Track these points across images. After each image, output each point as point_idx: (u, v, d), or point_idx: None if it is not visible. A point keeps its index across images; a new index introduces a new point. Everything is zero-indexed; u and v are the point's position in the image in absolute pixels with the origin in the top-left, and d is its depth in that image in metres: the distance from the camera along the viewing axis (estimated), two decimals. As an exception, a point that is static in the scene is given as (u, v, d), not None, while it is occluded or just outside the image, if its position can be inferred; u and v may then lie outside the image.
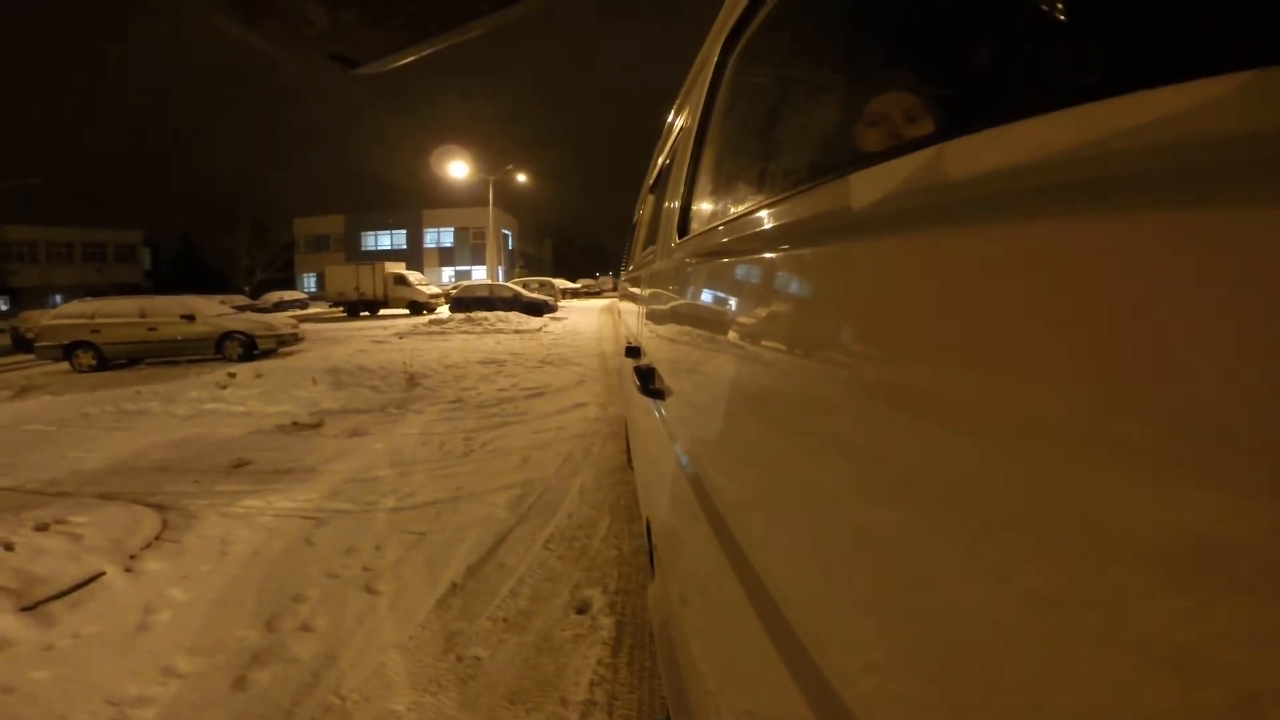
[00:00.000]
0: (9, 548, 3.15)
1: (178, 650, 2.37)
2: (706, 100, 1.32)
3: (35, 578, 2.89)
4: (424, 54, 0.47)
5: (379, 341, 13.87)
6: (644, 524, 2.00)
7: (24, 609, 2.66)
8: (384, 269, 26.95)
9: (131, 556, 3.17)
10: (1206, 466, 0.21)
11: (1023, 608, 0.30)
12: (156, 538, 3.42)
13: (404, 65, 0.49)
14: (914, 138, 0.47)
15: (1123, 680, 0.25)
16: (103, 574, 2.98)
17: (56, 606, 2.72)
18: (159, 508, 3.85)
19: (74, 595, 2.81)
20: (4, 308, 37.23)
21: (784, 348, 0.62)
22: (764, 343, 0.67)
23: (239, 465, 4.76)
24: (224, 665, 2.27)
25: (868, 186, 0.49)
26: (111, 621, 2.60)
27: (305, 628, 2.51)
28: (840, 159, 0.76)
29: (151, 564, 3.11)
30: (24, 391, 9.06)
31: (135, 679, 2.21)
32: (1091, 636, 0.25)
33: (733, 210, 0.96)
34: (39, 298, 40.26)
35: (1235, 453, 0.20)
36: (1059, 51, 0.46)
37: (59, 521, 3.54)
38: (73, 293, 32.65)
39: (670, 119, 2.18)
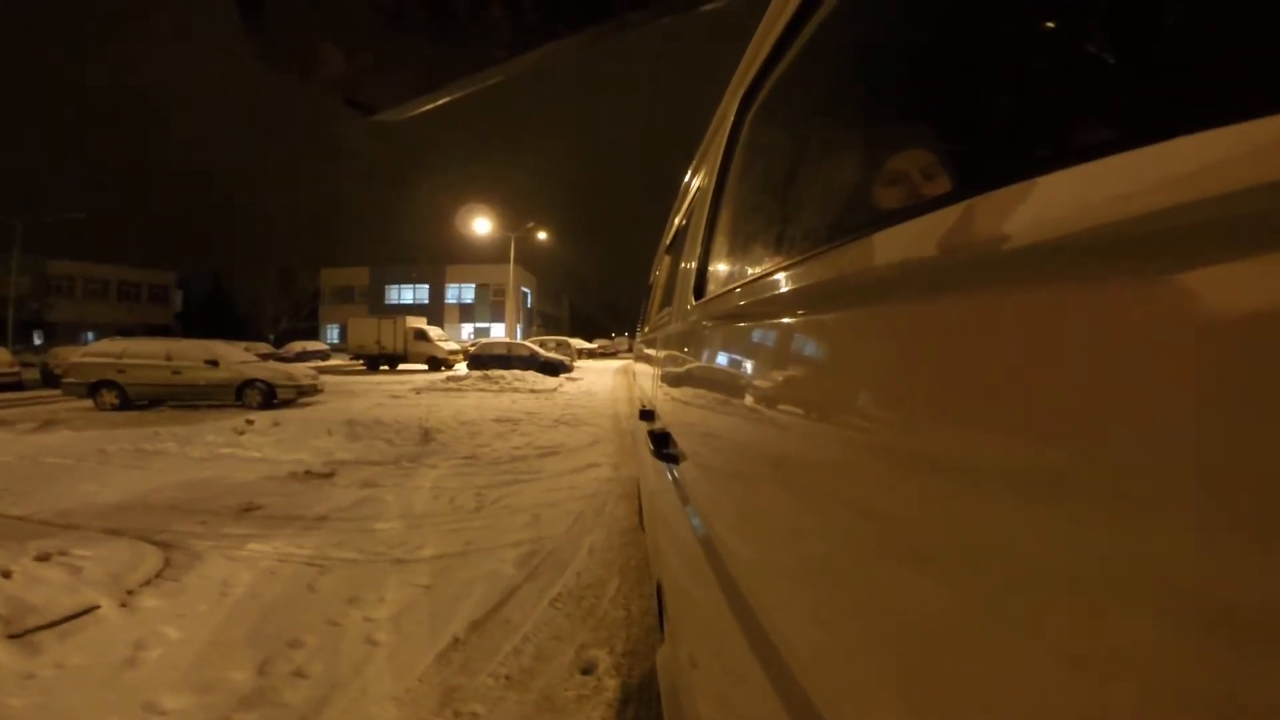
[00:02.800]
0: (6, 575, 3.14)
1: (164, 688, 2.32)
2: (723, 159, 1.33)
3: (28, 606, 2.87)
4: (440, 102, 0.48)
5: (396, 396, 13.97)
6: (654, 586, 1.96)
7: (11, 636, 2.63)
8: (405, 323, 27.30)
9: (129, 592, 3.14)
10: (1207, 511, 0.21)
11: (1043, 667, 0.29)
12: (157, 575, 3.39)
13: (421, 114, 0.51)
14: (935, 196, 0.47)
15: (1101, 694, 0.25)
16: (97, 607, 2.95)
17: (45, 636, 2.68)
18: (164, 545, 3.84)
19: (65, 626, 2.77)
20: (39, 342, 38.03)
21: (801, 414, 0.61)
22: (781, 409, 0.67)
23: (248, 509, 4.75)
24: (210, 705, 2.21)
25: (889, 247, 0.49)
26: (99, 654, 2.56)
27: (299, 674, 2.44)
28: (860, 219, 0.76)
29: (149, 600, 3.07)
30: (46, 425, 9.19)
31: (115, 713, 2.16)
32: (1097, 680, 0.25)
33: (750, 272, 0.96)
34: (72, 334, 41.16)
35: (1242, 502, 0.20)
36: (1079, 105, 0.47)
37: (61, 553, 3.53)
38: (105, 330, 33.37)
39: (687, 179, 2.22)
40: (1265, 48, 0.26)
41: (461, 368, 23.25)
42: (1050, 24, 0.52)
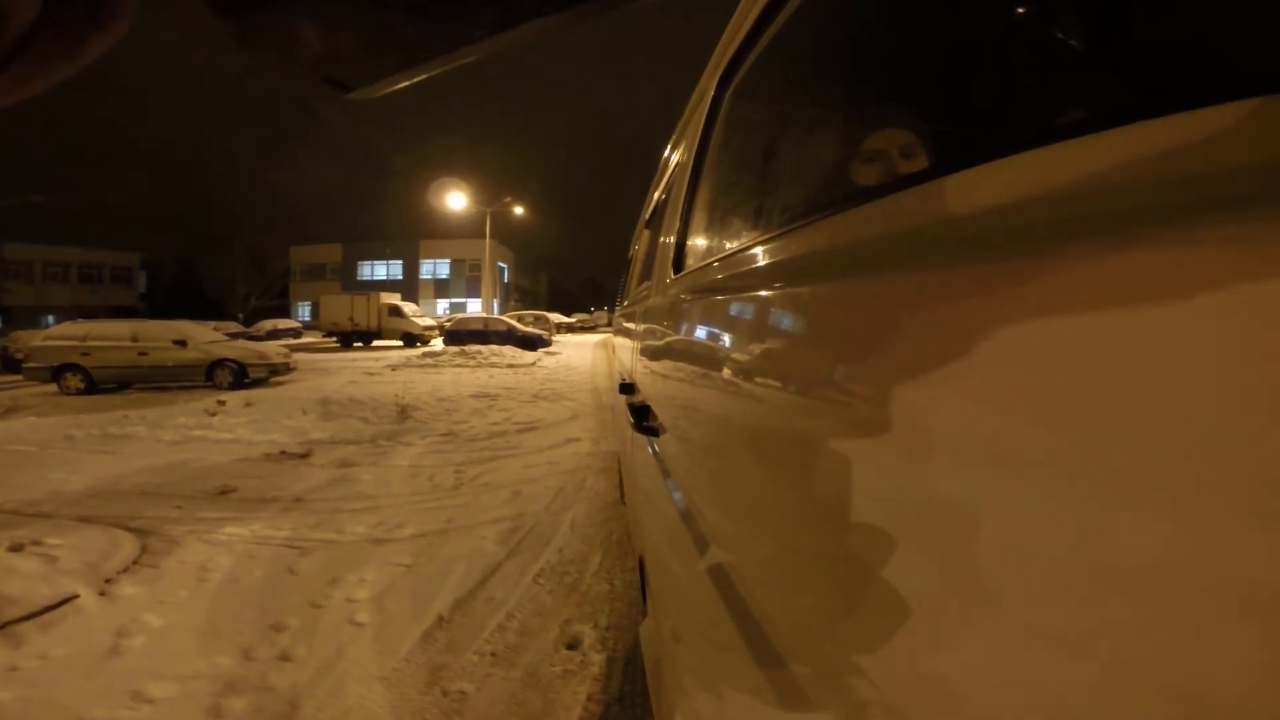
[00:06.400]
0: (-18, 567, 3.08)
1: (149, 676, 2.30)
2: (702, 135, 1.33)
3: (5, 598, 2.82)
4: (416, 80, 0.47)
5: (371, 373, 13.81)
6: (637, 560, 1.98)
7: (-8, 630, 2.59)
8: (379, 299, 26.90)
9: (107, 580, 3.10)
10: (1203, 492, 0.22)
11: (1015, 638, 0.30)
12: (134, 562, 3.35)
13: (396, 91, 0.49)
14: (911, 174, 0.47)
15: (1102, 692, 0.25)
16: (76, 596, 2.90)
17: (25, 627, 2.64)
18: (139, 532, 3.78)
19: (45, 617, 2.73)
20: (-2, 327, 36.95)
21: (779, 385, 0.62)
22: (759, 380, 0.67)
23: (224, 492, 4.69)
24: (197, 692, 2.20)
25: (864, 223, 0.49)
26: (82, 644, 2.53)
27: (284, 657, 2.44)
28: (836, 196, 0.77)
29: (127, 588, 3.04)
30: (9, 412, 8.96)
31: (102, 703, 2.14)
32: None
33: (728, 246, 0.96)
34: (32, 318, 39.99)
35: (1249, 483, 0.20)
36: (1055, 86, 0.47)
37: (35, 542, 3.47)
38: (66, 313, 32.51)
39: (666, 154, 2.21)
40: (1229, 36, 0.26)
41: (437, 343, 23.02)
42: (1026, 6, 0.52)
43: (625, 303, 3.64)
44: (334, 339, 27.68)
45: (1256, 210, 0.21)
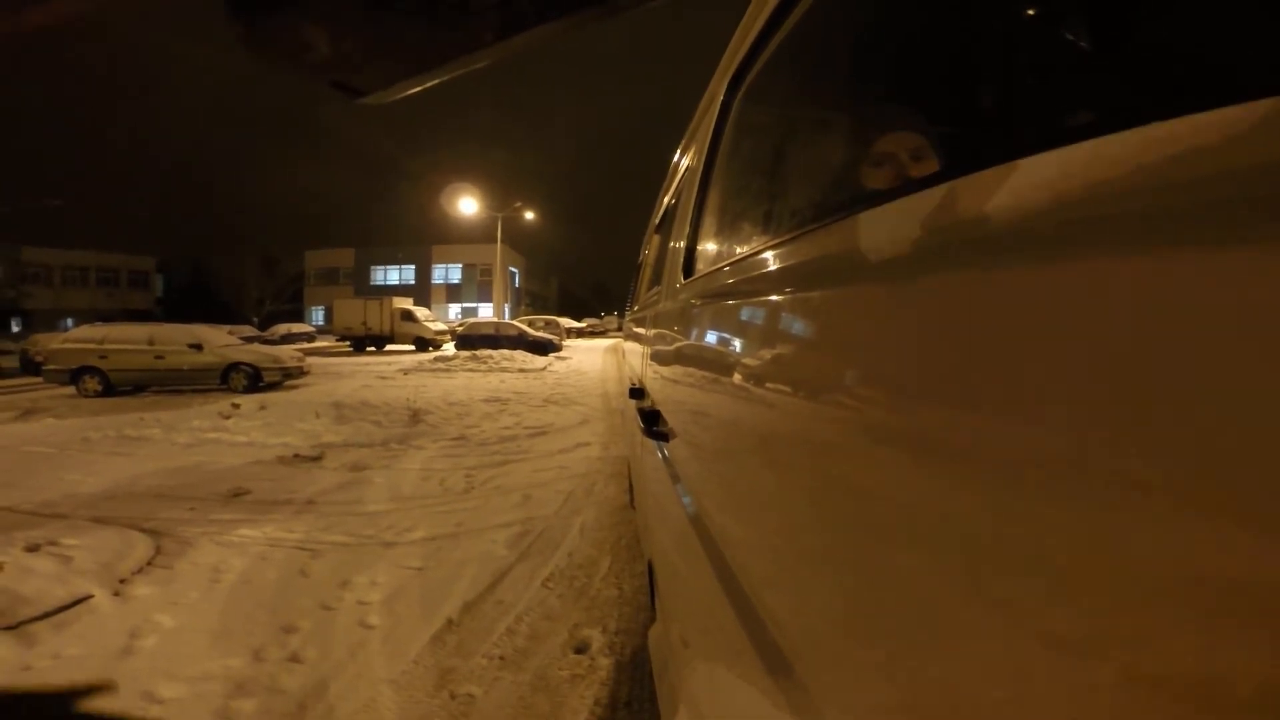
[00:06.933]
0: (-2, 567, 3.12)
1: (160, 676, 2.32)
2: (712, 140, 1.33)
3: (20, 598, 2.86)
4: (428, 85, 0.47)
5: (384, 377, 13.89)
6: (646, 565, 1.97)
7: (6, 628, 2.62)
8: (391, 304, 27.02)
9: (121, 580, 3.13)
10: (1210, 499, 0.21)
11: (1021, 640, 0.29)
12: (148, 563, 3.38)
13: (408, 96, 0.50)
14: (921, 177, 0.47)
15: (1085, 678, 0.25)
16: (90, 597, 2.94)
17: (39, 627, 2.68)
18: (153, 533, 3.82)
19: (59, 616, 2.77)
20: (17, 330, 37.45)
21: (790, 391, 0.61)
22: (770, 386, 0.67)
23: (237, 494, 4.73)
24: (207, 694, 2.22)
25: (875, 227, 0.49)
26: (94, 644, 2.56)
27: (294, 659, 2.45)
28: (846, 199, 0.76)
29: (141, 589, 3.07)
30: (27, 414, 9.08)
31: (114, 703, 2.16)
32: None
33: (738, 251, 0.96)
34: (51, 321, 40.49)
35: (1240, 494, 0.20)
36: (1062, 89, 0.46)
37: (50, 543, 3.51)
38: (84, 316, 32.95)
39: (676, 159, 2.21)
40: (1247, 37, 0.26)
41: (449, 348, 23.11)
42: (1036, 7, 0.51)
43: (635, 308, 3.64)
44: (347, 343, 27.85)
45: (1272, 212, 0.20)
